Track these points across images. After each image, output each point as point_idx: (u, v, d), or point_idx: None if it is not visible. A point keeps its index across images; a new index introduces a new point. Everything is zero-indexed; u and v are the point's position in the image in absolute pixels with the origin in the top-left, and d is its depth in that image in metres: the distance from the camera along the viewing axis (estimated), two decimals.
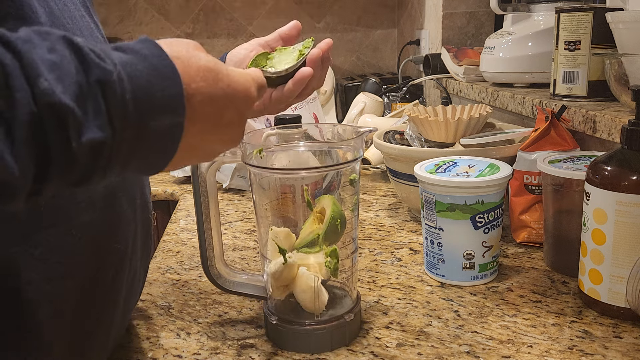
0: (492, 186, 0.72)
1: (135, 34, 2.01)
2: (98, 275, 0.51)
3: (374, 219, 1.02)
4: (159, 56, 0.38)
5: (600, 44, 0.96)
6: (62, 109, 0.31)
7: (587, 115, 0.88)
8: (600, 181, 0.62)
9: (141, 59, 0.36)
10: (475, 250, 0.73)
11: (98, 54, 0.34)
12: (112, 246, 0.52)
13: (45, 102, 0.30)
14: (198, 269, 0.83)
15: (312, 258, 0.60)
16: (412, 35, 1.93)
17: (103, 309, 0.53)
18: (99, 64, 0.33)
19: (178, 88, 0.38)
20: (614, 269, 0.63)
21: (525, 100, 1.09)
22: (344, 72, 2.13)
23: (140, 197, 0.57)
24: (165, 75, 0.37)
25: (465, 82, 1.41)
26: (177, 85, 0.38)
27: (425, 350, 0.60)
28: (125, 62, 0.35)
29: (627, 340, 0.60)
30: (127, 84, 0.34)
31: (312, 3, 2.07)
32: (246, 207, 1.13)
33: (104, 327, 0.54)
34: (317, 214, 0.61)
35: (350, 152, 0.60)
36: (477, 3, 1.64)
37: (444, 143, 0.99)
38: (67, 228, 0.47)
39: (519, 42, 1.21)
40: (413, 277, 0.78)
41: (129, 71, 0.35)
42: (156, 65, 0.37)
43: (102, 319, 0.53)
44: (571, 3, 1.14)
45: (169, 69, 0.37)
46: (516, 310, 0.67)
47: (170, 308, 0.72)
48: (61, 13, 0.47)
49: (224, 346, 0.63)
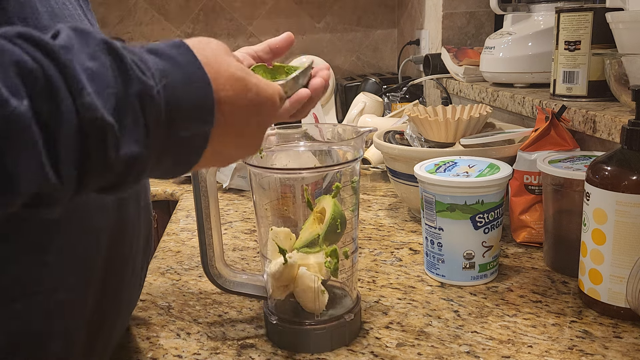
0: (492, 186, 0.72)
1: (135, 34, 2.01)
2: (106, 279, 0.51)
3: (374, 219, 1.02)
4: (193, 63, 0.38)
5: (600, 44, 0.96)
6: (103, 124, 0.31)
7: (587, 115, 0.88)
8: (600, 181, 0.62)
9: (177, 68, 0.37)
10: (475, 250, 0.73)
11: (138, 65, 0.34)
12: (119, 249, 0.53)
13: (88, 117, 0.31)
14: (198, 269, 0.83)
15: (312, 258, 0.60)
16: (412, 35, 1.93)
17: (108, 313, 0.53)
18: (140, 78, 0.34)
19: (210, 99, 0.38)
20: (614, 269, 0.63)
21: (525, 100, 1.09)
22: (344, 72, 2.13)
23: (144, 199, 0.58)
24: (199, 85, 0.37)
25: (465, 82, 1.41)
26: (209, 96, 0.38)
27: (425, 350, 0.60)
28: (162, 72, 0.35)
29: (627, 340, 0.60)
30: (163, 95, 0.35)
31: (312, 3, 2.07)
32: (246, 207, 1.13)
33: (106, 330, 0.54)
34: (317, 214, 0.61)
35: (350, 152, 0.60)
36: (477, 3, 1.64)
37: (444, 143, 0.99)
38: (83, 232, 0.47)
39: (519, 42, 1.21)
40: (413, 277, 0.78)
41: (165, 83, 0.35)
42: (191, 75, 0.37)
43: (106, 322, 0.54)
44: (571, 3, 1.14)
45: (202, 79, 0.38)
46: (516, 310, 0.67)
47: (170, 308, 0.72)
48: (61, 12, 0.47)
49: (224, 346, 0.63)
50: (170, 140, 0.36)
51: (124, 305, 0.57)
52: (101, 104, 0.31)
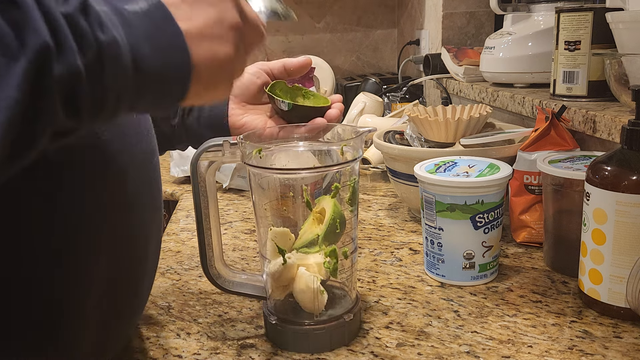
0: (492, 186, 0.72)
1: None
2: (120, 283, 0.51)
3: (374, 219, 1.02)
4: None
5: (600, 44, 0.96)
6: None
7: (587, 115, 0.88)
8: (600, 181, 0.62)
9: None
10: (475, 250, 0.73)
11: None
12: (135, 253, 0.53)
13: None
14: (198, 269, 0.83)
15: (311, 258, 0.60)
16: (412, 35, 1.93)
17: (123, 316, 0.54)
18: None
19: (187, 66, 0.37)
20: (614, 269, 0.63)
21: (525, 100, 1.09)
22: (344, 72, 2.13)
23: (157, 199, 0.58)
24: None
25: (465, 82, 1.41)
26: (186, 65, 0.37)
27: (425, 350, 0.60)
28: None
29: (627, 340, 0.60)
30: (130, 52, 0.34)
31: (312, 3, 2.07)
32: (246, 207, 1.13)
33: (119, 334, 0.55)
34: (316, 214, 0.61)
35: (350, 152, 0.60)
36: (477, 3, 1.64)
37: (444, 143, 0.99)
38: (100, 234, 0.47)
39: (519, 42, 1.21)
40: (413, 277, 0.78)
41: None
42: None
43: (120, 327, 0.54)
44: (571, 3, 1.14)
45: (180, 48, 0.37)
46: (516, 310, 0.67)
47: (170, 308, 0.72)
48: None
49: (224, 346, 0.63)
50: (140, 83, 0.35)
51: (139, 310, 0.58)
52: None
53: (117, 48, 0.32)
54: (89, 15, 0.32)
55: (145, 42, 0.34)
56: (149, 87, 0.35)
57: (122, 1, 0.35)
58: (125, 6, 0.34)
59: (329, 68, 1.80)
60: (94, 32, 0.31)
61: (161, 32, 0.35)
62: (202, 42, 0.38)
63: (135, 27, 0.34)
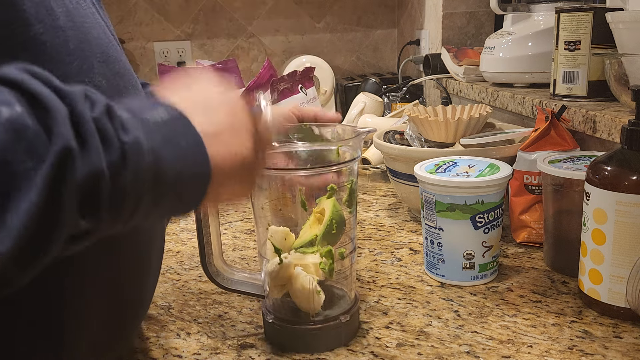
0: (492, 186, 0.72)
1: (135, 34, 2.01)
2: (123, 283, 0.51)
3: (374, 219, 1.02)
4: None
5: (600, 44, 0.96)
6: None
7: (587, 115, 0.88)
8: (600, 181, 0.62)
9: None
10: (475, 250, 0.73)
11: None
12: (138, 254, 0.53)
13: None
14: (198, 269, 0.83)
15: (309, 258, 0.60)
16: (412, 35, 1.93)
17: (125, 316, 0.54)
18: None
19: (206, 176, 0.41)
20: (614, 269, 0.63)
21: (525, 100, 1.09)
22: (344, 72, 2.13)
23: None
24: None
25: (465, 82, 1.41)
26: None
27: (425, 350, 0.60)
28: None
29: (627, 340, 0.60)
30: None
31: (312, 3, 2.07)
32: (246, 207, 1.13)
33: (121, 335, 0.55)
34: (317, 214, 0.61)
35: (349, 152, 0.60)
36: (477, 3, 1.64)
37: (444, 143, 0.99)
38: (110, 244, 0.47)
39: (519, 42, 1.21)
40: (413, 277, 0.78)
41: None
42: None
43: (123, 329, 0.54)
44: (571, 3, 1.14)
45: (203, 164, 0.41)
46: (516, 310, 0.67)
47: (170, 308, 0.72)
48: (76, 11, 0.47)
49: (224, 346, 0.63)
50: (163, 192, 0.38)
51: (143, 314, 0.58)
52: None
53: (138, 148, 0.35)
54: (113, 119, 0.34)
55: (165, 146, 0.37)
56: (169, 187, 0.38)
57: (143, 110, 0.38)
58: (145, 116, 0.37)
59: (329, 68, 1.80)
60: (118, 133, 0.34)
61: (181, 136, 0.39)
62: (219, 145, 0.42)
63: (156, 132, 0.37)
